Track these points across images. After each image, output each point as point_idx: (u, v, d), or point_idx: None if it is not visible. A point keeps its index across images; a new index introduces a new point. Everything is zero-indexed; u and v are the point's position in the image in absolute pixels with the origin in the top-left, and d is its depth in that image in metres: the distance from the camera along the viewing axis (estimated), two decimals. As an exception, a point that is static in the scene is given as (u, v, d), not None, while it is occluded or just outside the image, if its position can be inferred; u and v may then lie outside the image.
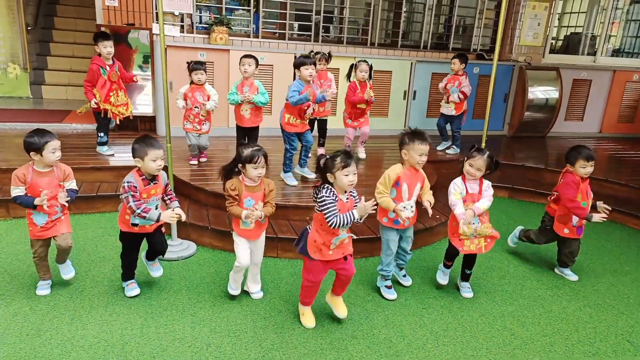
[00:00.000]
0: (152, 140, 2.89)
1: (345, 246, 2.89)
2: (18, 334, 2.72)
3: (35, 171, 2.92)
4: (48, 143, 2.85)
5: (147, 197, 2.91)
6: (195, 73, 4.62)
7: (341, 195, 2.78)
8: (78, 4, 8.54)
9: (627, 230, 4.88)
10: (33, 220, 2.96)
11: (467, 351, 2.87)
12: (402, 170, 3.11)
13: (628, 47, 8.52)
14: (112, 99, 4.78)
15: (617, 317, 3.33)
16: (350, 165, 2.68)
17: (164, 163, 2.91)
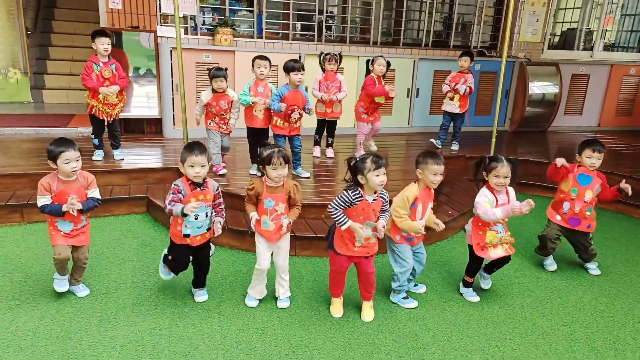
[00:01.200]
0: (193, 147, 2.84)
1: (370, 246, 2.98)
2: (48, 337, 2.73)
3: (60, 180, 2.92)
4: (62, 153, 2.84)
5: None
6: (215, 81, 4.42)
7: (368, 195, 2.85)
8: (76, 7, 8.52)
9: (633, 220, 4.97)
10: (57, 227, 2.96)
11: (491, 342, 2.92)
12: (419, 191, 3.10)
13: (623, 41, 8.64)
14: (100, 96, 4.65)
15: (632, 305, 3.40)
16: (382, 167, 2.79)
17: (203, 170, 2.85)
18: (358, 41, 7.08)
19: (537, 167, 5.92)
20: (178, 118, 5.98)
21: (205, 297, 3.18)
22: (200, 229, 2.97)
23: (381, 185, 2.83)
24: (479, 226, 3.24)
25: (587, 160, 3.64)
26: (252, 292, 3.19)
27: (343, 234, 2.90)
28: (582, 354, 2.85)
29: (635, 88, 8.06)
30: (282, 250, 3.13)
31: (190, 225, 2.93)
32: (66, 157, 2.84)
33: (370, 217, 2.88)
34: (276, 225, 3.01)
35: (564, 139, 7.36)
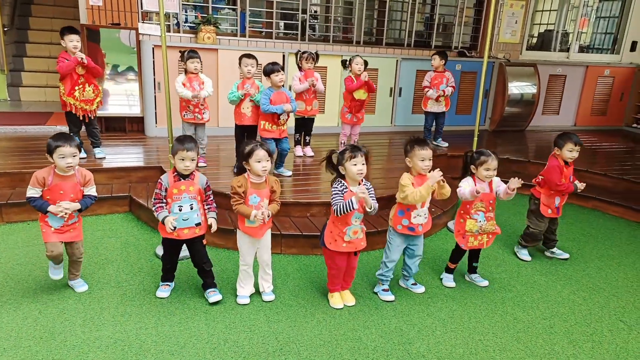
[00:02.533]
0: (185, 141, 2.90)
1: (358, 242, 3.05)
2: (32, 337, 2.69)
3: (57, 174, 2.91)
4: (58, 148, 2.84)
5: (177, 193, 2.93)
6: (192, 61, 4.55)
7: (352, 187, 2.92)
8: (53, 3, 8.37)
9: (608, 217, 5.12)
10: (48, 222, 2.95)
11: (474, 335, 2.98)
12: (412, 178, 3.11)
13: (598, 43, 8.87)
14: (76, 93, 4.59)
15: (608, 299, 3.51)
16: (358, 156, 2.86)
17: (192, 164, 2.92)
18: (341, 40, 7.12)
19: (516, 165, 6.05)
20: (160, 116, 5.93)
21: (218, 297, 3.11)
22: (186, 222, 2.96)
23: (360, 174, 2.89)
24: (461, 214, 3.43)
25: (568, 154, 3.80)
26: (242, 292, 3.20)
27: (332, 230, 2.95)
28: (561, 346, 2.94)
29: (609, 89, 8.28)
30: (265, 245, 3.16)
31: (175, 217, 2.93)
32: (61, 152, 2.84)
33: (358, 208, 2.92)
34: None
35: (542, 137, 7.52)
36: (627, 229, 4.83)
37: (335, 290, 3.21)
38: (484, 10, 7.58)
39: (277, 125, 4.52)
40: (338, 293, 3.21)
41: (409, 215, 3.16)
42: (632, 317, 3.28)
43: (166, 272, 3.19)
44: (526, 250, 4.08)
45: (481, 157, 3.30)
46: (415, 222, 3.16)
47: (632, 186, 5.44)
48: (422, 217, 3.18)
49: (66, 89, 4.59)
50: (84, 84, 4.63)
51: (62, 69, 4.48)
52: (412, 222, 3.16)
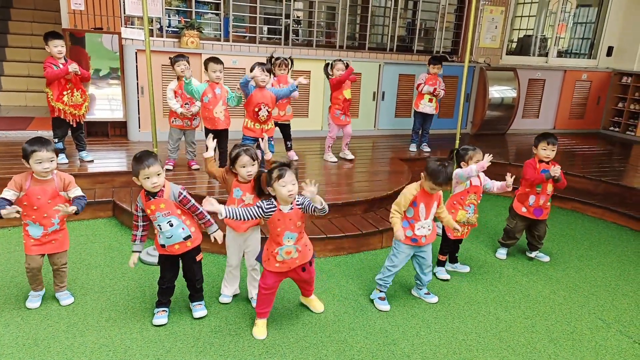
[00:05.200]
0: (143, 158, 2.69)
1: (291, 262, 2.82)
2: (15, 344, 2.66)
3: (34, 179, 2.83)
4: (34, 153, 2.75)
5: (151, 213, 2.78)
6: (178, 65, 4.58)
7: (283, 206, 2.72)
8: (34, 7, 8.26)
9: (587, 218, 5.23)
10: (28, 232, 2.87)
11: (458, 335, 3.03)
12: (418, 190, 3.11)
13: (576, 48, 9.07)
14: (65, 98, 4.56)
15: (587, 298, 3.59)
16: (286, 176, 2.63)
17: (160, 179, 2.72)
18: (324, 45, 7.17)
19: (498, 167, 6.11)
20: (144, 121, 5.90)
21: (203, 312, 3.02)
22: (171, 239, 2.80)
23: (291, 196, 2.67)
24: (454, 205, 3.57)
25: (542, 152, 3.91)
26: (226, 291, 3.23)
27: (268, 247, 2.82)
28: (542, 344, 3.00)
29: (587, 92, 8.48)
30: (253, 249, 3.16)
31: (160, 235, 2.83)
32: (38, 157, 2.76)
33: (289, 226, 2.73)
34: None
35: (522, 140, 7.65)
36: (606, 230, 4.95)
37: (262, 317, 2.92)
38: (465, 15, 7.71)
39: (260, 123, 4.47)
40: (264, 320, 2.94)
41: (412, 227, 3.14)
42: (610, 316, 3.36)
43: (162, 294, 2.97)
44: (504, 250, 4.16)
45: (469, 152, 3.55)
46: (419, 233, 3.15)
47: (610, 188, 5.58)
48: (425, 229, 3.17)
49: (54, 95, 4.55)
50: (72, 88, 4.61)
51: (51, 76, 4.46)
52: (415, 233, 3.15)
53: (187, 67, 4.60)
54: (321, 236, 3.92)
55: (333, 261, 3.90)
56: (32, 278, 2.97)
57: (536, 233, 4.07)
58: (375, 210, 4.54)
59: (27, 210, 2.83)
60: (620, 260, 4.25)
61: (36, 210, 2.83)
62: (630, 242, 4.67)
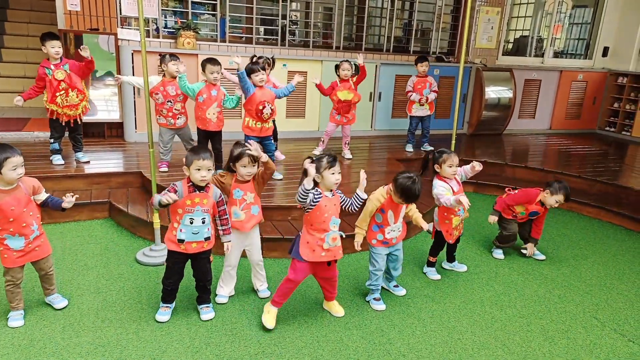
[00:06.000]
0: (200, 151, 2.79)
1: (336, 250, 2.95)
2: (10, 345, 2.66)
3: (1, 191, 2.66)
4: (8, 159, 2.59)
5: (191, 205, 2.79)
6: (174, 63, 4.56)
7: (326, 192, 2.89)
8: (30, 8, 8.25)
9: (582, 218, 5.25)
10: (8, 245, 2.72)
11: (454, 335, 3.04)
12: (385, 198, 3.16)
13: (571, 48, 9.11)
14: (58, 100, 4.53)
15: (582, 297, 3.61)
16: (336, 165, 2.85)
17: (209, 175, 2.80)
18: (321, 46, 7.18)
19: (494, 168, 6.16)
20: (140, 122, 5.90)
21: (211, 314, 3.02)
22: (196, 235, 2.83)
23: (337, 184, 2.89)
24: (445, 215, 3.60)
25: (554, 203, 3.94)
26: (222, 291, 3.25)
27: (309, 240, 2.88)
28: (537, 343, 3.01)
29: (582, 93, 8.51)
30: (255, 246, 3.21)
31: (185, 229, 2.81)
32: (13, 163, 2.61)
33: (334, 212, 2.90)
34: (247, 215, 3.08)
35: (518, 141, 7.68)
36: (601, 229, 4.97)
37: (277, 305, 3.00)
38: (461, 16, 7.73)
39: (261, 122, 4.47)
40: (276, 310, 3.01)
41: (383, 231, 3.21)
42: (605, 314, 3.38)
43: (167, 294, 2.97)
44: (501, 250, 4.19)
45: (443, 155, 3.53)
46: (389, 236, 3.23)
47: (605, 188, 5.60)
48: (396, 232, 3.25)
49: (48, 97, 4.55)
50: (66, 89, 4.57)
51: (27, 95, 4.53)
52: (386, 237, 3.22)
53: (173, 88, 4.58)
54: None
55: (329, 261, 3.90)
56: (13, 294, 2.84)
57: (527, 228, 4.17)
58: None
59: (2, 224, 2.68)
60: (615, 260, 4.27)
61: (12, 222, 2.69)
62: (625, 242, 4.69)
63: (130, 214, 4.17)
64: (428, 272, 3.78)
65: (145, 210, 4.25)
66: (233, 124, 5.72)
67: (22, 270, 2.84)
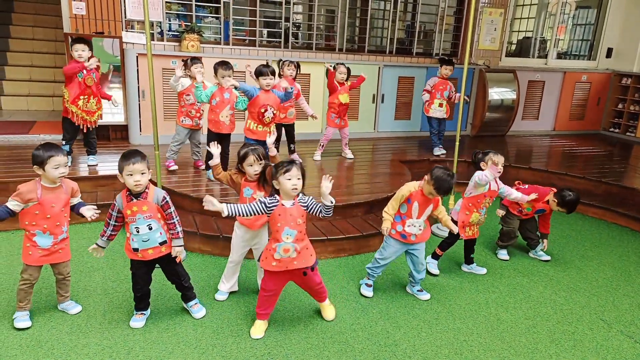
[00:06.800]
0: (130, 155, 2.71)
1: (289, 261, 2.80)
2: (18, 346, 2.67)
3: (44, 187, 2.77)
4: (52, 158, 2.71)
5: (131, 214, 2.73)
6: (196, 67, 4.68)
7: (285, 201, 2.77)
8: (35, 12, 8.30)
9: (587, 219, 5.24)
10: (36, 242, 2.77)
11: (459, 336, 3.04)
12: (416, 189, 3.19)
13: (575, 49, 9.10)
14: (80, 102, 4.61)
15: (588, 298, 3.60)
16: (292, 170, 2.71)
17: (143, 178, 2.70)
18: (324, 48, 7.19)
19: (498, 169, 6.15)
20: (145, 124, 5.93)
21: (202, 311, 3.04)
22: (147, 243, 2.76)
23: (295, 190, 2.73)
24: (469, 207, 3.64)
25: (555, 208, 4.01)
26: (223, 287, 3.28)
27: (268, 246, 2.83)
28: (543, 345, 3.01)
29: (586, 94, 8.50)
30: (262, 245, 3.19)
31: (135, 238, 2.76)
32: (56, 161, 2.72)
33: (289, 222, 2.75)
34: None
35: (522, 142, 7.67)
36: (607, 231, 4.96)
37: (261, 318, 2.94)
38: (464, 17, 7.73)
39: (263, 125, 4.49)
40: (263, 322, 2.94)
41: (404, 223, 3.23)
42: (611, 316, 3.37)
43: (138, 300, 2.93)
44: (505, 250, 4.19)
45: (489, 153, 3.70)
46: (409, 230, 3.23)
47: (610, 189, 5.59)
48: (416, 228, 3.23)
49: (70, 96, 4.60)
50: (89, 95, 4.67)
51: (67, 69, 4.55)
52: (405, 230, 3.23)
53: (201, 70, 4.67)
54: (322, 238, 3.93)
55: (334, 263, 3.91)
56: (26, 293, 2.85)
57: (527, 226, 4.18)
58: (375, 212, 4.55)
59: (37, 220, 2.74)
60: (621, 261, 4.26)
61: (49, 219, 2.76)
62: (631, 243, 4.68)
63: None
64: (429, 263, 3.81)
65: (151, 212, 4.27)
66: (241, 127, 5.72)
67: (39, 271, 2.88)
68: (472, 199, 3.66)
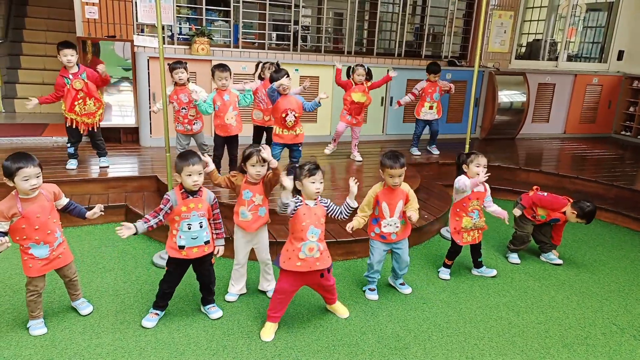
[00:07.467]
0: (189, 156, 2.80)
1: (312, 261, 2.85)
2: (32, 346, 2.70)
3: (23, 200, 2.64)
4: (20, 170, 2.56)
5: (187, 211, 2.82)
6: (176, 72, 4.61)
7: (308, 201, 2.86)
8: (47, 16, 8.41)
9: (599, 223, 5.19)
10: (33, 254, 2.70)
11: (470, 340, 3.02)
12: (381, 189, 3.24)
13: (586, 52, 9.04)
14: (77, 108, 4.62)
15: (601, 303, 3.57)
16: (316, 174, 2.80)
17: (200, 178, 2.82)
18: (332, 51, 7.21)
19: (507, 172, 6.13)
20: (155, 127, 5.97)
21: (219, 313, 3.07)
22: (195, 240, 2.85)
23: (317, 193, 2.84)
24: (457, 212, 3.63)
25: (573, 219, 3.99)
26: (232, 289, 3.32)
27: (288, 247, 2.87)
28: (556, 349, 2.99)
29: (597, 97, 8.43)
30: (262, 244, 3.26)
31: (184, 236, 2.83)
32: (25, 173, 2.57)
33: (314, 221, 2.83)
34: (254, 216, 3.13)
35: (532, 145, 7.63)
36: (619, 235, 4.92)
37: (272, 320, 2.95)
38: (473, 20, 7.71)
39: (287, 129, 4.52)
40: (273, 324, 2.96)
41: (379, 225, 3.28)
42: (624, 320, 3.34)
43: (161, 298, 2.98)
44: (516, 254, 4.17)
45: (471, 155, 3.63)
46: (386, 230, 3.27)
47: (622, 192, 5.54)
48: (392, 227, 3.27)
49: (67, 106, 4.64)
50: (84, 98, 4.66)
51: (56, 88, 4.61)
52: (382, 231, 3.28)
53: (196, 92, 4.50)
54: (331, 240, 3.93)
55: (343, 265, 3.91)
56: (35, 303, 2.81)
57: (541, 230, 4.16)
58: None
59: (27, 233, 2.66)
60: (634, 265, 4.22)
61: (38, 230, 2.67)
62: (644, 247, 4.64)
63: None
64: (440, 272, 3.84)
65: (161, 214, 4.30)
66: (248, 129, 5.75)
67: (44, 279, 2.83)
68: (458, 204, 3.66)
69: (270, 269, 3.38)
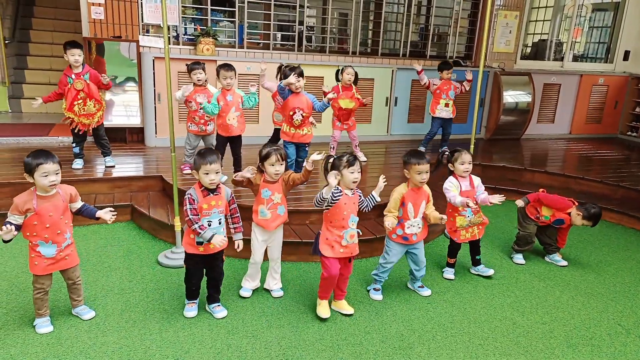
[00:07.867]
0: (207, 155, 2.85)
1: (353, 247, 3.08)
2: (39, 344, 2.72)
3: (39, 196, 2.68)
4: (40, 165, 2.61)
5: (208, 209, 2.88)
6: (194, 73, 4.68)
7: (346, 190, 3.03)
8: (54, 17, 8.46)
9: (605, 223, 5.15)
10: (40, 252, 2.72)
11: (475, 340, 3.02)
12: (406, 190, 3.27)
13: (592, 52, 9.00)
14: (75, 108, 4.65)
15: (606, 304, 3.55)
16: (355, 165, 2.98)
17: (217, 177, 2.87)
18: (337, 51, 7.21)
19: (512, 172, 6.11)
20: (160, 127, 6.00)
21: (224, 312, 3.10)
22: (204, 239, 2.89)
23: (355, 183, 3.00)
24: (450, 212, 3.64)
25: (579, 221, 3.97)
26: (247, 285, 3.37)
27: (327, 236, 3.02)
28: (561, 350, 2.98)
29: (603, 97, 8.39)
30: (276, 243, 3.30)
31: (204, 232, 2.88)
32: (44, 169, 2.62)
33: (353, 210, 3.03)
34: (273, 214, 3.17)
35: (537, 146, 7.60)
36: (624, 235, 4.90)
37: (325, 298, 3.17)
38: (479, 20, 7.70)
39: (295, 128, 4.52)
40: (326, 301, 3.17)
41: (402, 226, 3.28)
42: (629, 321, 3.33)
43: (192, 295, 3.09)
44: (520, 255, 4.16)
45: (455, 153, 3.64)
46: (409, 232, 3.28)
47: (628, 193, 5.51)
48: (415, 227, 3.29)
49: (67, 104, 4.68)
50: (84, 99, 4.69)
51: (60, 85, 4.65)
52: (405, 232, 3.28)
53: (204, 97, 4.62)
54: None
55: (348, 265, 3.92)
56: (42, 301, 2.83)
57: (546, 232, 4.14)
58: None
59: (37, 230, 2.68)
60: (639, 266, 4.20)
61: (49, 228, 2.69)
62: (650, 248, 4.61)
63: (152, 217, 4.23)
64: (444, 272, 3.84)
65: (166, 213, 4.32)
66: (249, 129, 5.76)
67: (51, 277, 2.84)
68: (450, 204, 3.66)
69: (279, 268, 3.40)
